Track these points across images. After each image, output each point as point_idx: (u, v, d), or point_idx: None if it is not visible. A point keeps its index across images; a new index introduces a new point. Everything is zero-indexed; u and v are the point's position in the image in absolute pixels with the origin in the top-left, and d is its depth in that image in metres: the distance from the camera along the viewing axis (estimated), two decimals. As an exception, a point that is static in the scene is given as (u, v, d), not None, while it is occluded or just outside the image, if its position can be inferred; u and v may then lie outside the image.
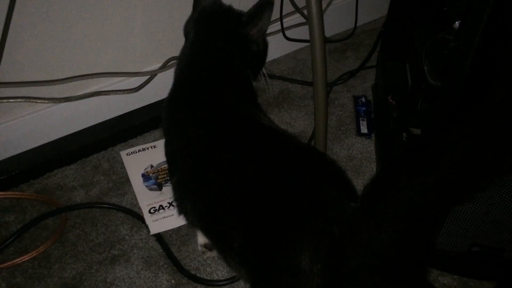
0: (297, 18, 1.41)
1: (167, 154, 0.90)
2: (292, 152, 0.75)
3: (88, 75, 1.13)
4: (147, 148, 1.22)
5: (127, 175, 1.16)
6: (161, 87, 1.26)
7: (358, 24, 1.60)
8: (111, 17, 1.10)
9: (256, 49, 0.90)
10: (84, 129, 1.22)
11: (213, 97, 0.83)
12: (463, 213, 0.85)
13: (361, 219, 0.55)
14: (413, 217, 0.50)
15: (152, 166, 1.18)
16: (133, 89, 1.20)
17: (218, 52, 0.89)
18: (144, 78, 1.21)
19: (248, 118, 0.81)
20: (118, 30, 1.13)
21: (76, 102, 1.14)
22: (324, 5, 1.44)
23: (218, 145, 0.76)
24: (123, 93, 1.18)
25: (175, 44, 1.23)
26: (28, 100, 1.08)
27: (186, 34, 0.94)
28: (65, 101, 1.11)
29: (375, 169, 1.20)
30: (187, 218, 0.86)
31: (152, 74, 1.21)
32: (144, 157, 1.20)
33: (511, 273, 0.93)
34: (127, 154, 1.20)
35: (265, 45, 0.95)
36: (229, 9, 0.94)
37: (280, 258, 0.63)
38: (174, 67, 0.96)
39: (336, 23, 1.54)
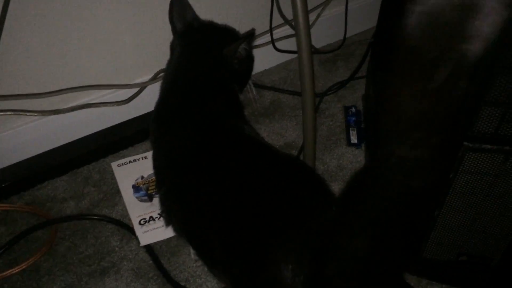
0: (286, 29, 1.43)
1: (154, 167, 0.90)
2: (273, 163, 0.76)
3: (77, 87, 1.13)
4: (138, 159, 1.22)
5: (117, 186, 1.16)
6: (151, 99, 1.25)
7: (349, 35, 1.61)
8: (101, 29, 1.11)
9: (237, 66, 0.92)
10: (75, 141, 1.22)
11: (196, 110, 0.84)
12: (450, 222, 0.85)
13: (335, 226, 0.55)
14: (382, 223, 0.50)
15: (142, 177, 1.18)
16: (123, 101, 1.20)
17: (201, 68, 0.91)
18: (134, 90, 1.22)
19: (232, 130, 0.82)
20: (108, 42, 1.14)
21: (66, 114, 1.14)
22: (314, 17, 1.46)
23: (202, 158, 0.77)
24: (113, 105, 1.18)
25: (165, 56, 1.24)
26: (17, 113, 1.08)
27: (172, 49, 0.96)
28: (55, 114, 1.12)
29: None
30: (174, 230, 0.87)
31: (142, 86, 1.22)
32: (135, 168, 1.20)
33: (498, 281, 0.93)
34: (118, 165, 1.21)
35: (250, 60, 0.97)
36: (211, 24, 0.97)
37: (263, 270, 0.63)
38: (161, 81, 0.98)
39: (326, 34, 1.56)
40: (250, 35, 0.93)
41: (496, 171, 0.76)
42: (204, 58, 0.91)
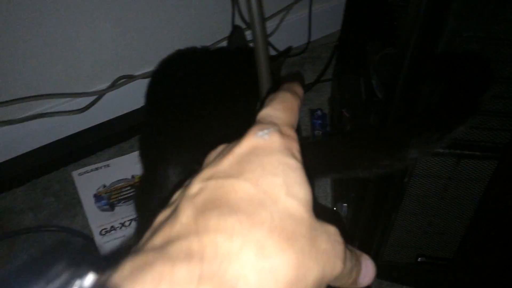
0: (248, 34, 1.42)
1: None
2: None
3: (31, 97, 1.10)
4: (100, 168, 1.20)
5: (78, 196, 1.14)
6: (110, 106, 1.24)
7: (315, 38, 1.62)
8: (56, 34, 1.08)
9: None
10: (34, 150, 1.19)
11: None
12: (407, 225, 0.86)
13: None
14: None
15: (104, 186, 1.16)
16: (79, 109, 1.17)
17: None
18: (91, 98, 1.19)
19: None
20: (64, 48, 1.11)
21: (22, 124, 1.11)
22: (277, 21, 1.46)
23: None
24: (69, 114, 1.15)
25: (124, 62, 1.22)
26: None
27: None
28: (8, 124, 1.08)
29: (329, 182, 1.21)
30: None
31: (100, 94, 1.19)
32: (97, 176, 1.18)
33: (456, 281, 0.95)
34: (79, 174, 1.18)
35: None
36: None
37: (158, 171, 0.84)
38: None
39: (292, 37, 1.56)
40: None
41: (449, 174, 0.77)
42: None
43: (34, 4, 1.01)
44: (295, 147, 0.30)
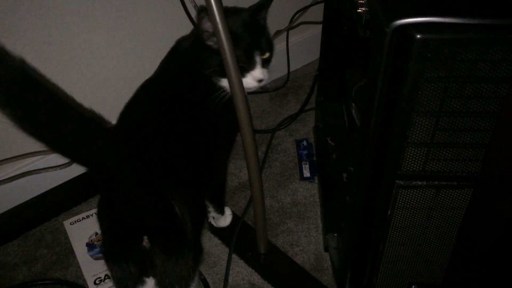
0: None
1: None
2: None
3: (15, 157, 1.11)
4: (92, 215, 1.21)
5: (71, 246, 1.14)
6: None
7: (297, 67, 1.66)
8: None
9: None
10: (23, 203, 1.20)
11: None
12: (395, 255, 0.87)
13: None
14: None
15: (97, 234, 1.16)
16: (66, 163, 1.19)
17: None
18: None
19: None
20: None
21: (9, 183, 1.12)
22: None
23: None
24: (55, 169, 1.16)
25: (108, 110, 1.23)
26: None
27: None
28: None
29: (319, 213, 1.22)
30: None
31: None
32: (89, 224, 1.19)
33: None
34: (70, 223, 1.19)
35: None
36: None
37: None
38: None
39: (272, 70, 1.59)
40: None
41: (430, 204, 0.79)
42: None
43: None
44: None
